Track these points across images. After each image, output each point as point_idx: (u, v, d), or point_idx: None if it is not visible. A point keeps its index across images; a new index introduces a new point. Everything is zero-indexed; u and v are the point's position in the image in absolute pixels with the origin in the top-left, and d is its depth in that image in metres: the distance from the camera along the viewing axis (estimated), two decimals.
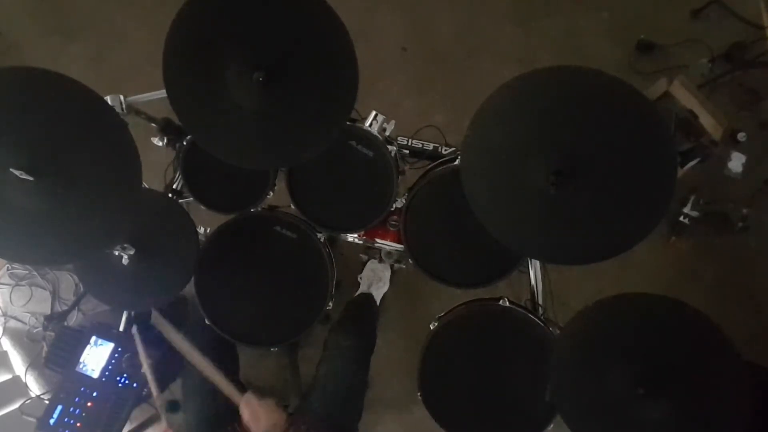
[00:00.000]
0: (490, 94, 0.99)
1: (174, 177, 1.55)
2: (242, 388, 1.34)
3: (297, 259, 1.39)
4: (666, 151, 0.96)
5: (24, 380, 1.81)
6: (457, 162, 1.29)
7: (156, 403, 1.23)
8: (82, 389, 1.50)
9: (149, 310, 1.38)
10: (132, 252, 1.25)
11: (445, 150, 1.61)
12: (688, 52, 2.17)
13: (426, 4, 2.34)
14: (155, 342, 1.58)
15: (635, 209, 0.98)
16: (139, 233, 1.27)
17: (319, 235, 1.39)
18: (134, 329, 1.28)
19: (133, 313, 1.54)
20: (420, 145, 1.64)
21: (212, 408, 1.39)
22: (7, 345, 1.86)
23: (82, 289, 1.87)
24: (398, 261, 1.92)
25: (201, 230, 1.40)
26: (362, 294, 1.98)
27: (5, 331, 1.86)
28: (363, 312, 1.85)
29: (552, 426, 1.22)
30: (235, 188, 1.42)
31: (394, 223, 1.47)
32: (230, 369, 1.50)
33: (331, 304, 1.41)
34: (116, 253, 1.24)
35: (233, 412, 1.29)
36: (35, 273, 1.90)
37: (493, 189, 1.04)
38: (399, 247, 1.52)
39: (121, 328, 1.59)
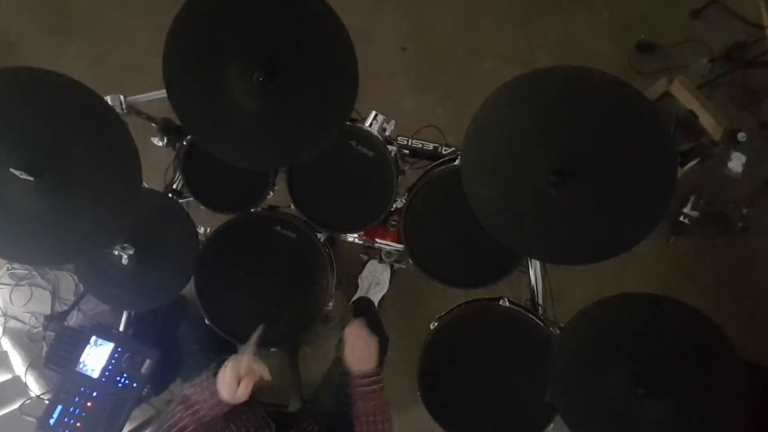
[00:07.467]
0: (490, 94, 0.99)
1: (174, 177, 1.56)
2: None
3: (297, 259, 1.39)
4: (666, 151, 0.96)
5: (24, 380, 1.81)
6: (457, 162, 1.29)
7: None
8: (82, 389, 1.50)
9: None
10: (132, 252, 1.25)
11: (445, 150, 1.61)
12: (688, 52, 2.17)
13: (426, 4, 2.34)
14: (154, 341, 1.58)
15: (635, 209, 0.98)
16: (139, 233, 1.27)
17: (319, 235, 1.39)
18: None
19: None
20: (420, 145, 1.64)
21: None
22: (7, 345, 1.86)
23: (82, 289, 1.87)
24: (398, 261, 1.92)
25: (201, 230, 1.41)
26: (360, 298, 1.98)
27: (5, 331, 1.85)
28: (368, 313, 1.84)
29: (552, 426, 1.22)
30: (235, 188, 1.42)
31: (394, 223, 1.47)
32: None
33: (331, 304, 1.41)
34: (116, 252, 1.24)
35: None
36: (35, 273, 1.89)
37: (493, 189, 1.04)
38: (399, 247, 1.52)
39: (121, 328, 1.59)
